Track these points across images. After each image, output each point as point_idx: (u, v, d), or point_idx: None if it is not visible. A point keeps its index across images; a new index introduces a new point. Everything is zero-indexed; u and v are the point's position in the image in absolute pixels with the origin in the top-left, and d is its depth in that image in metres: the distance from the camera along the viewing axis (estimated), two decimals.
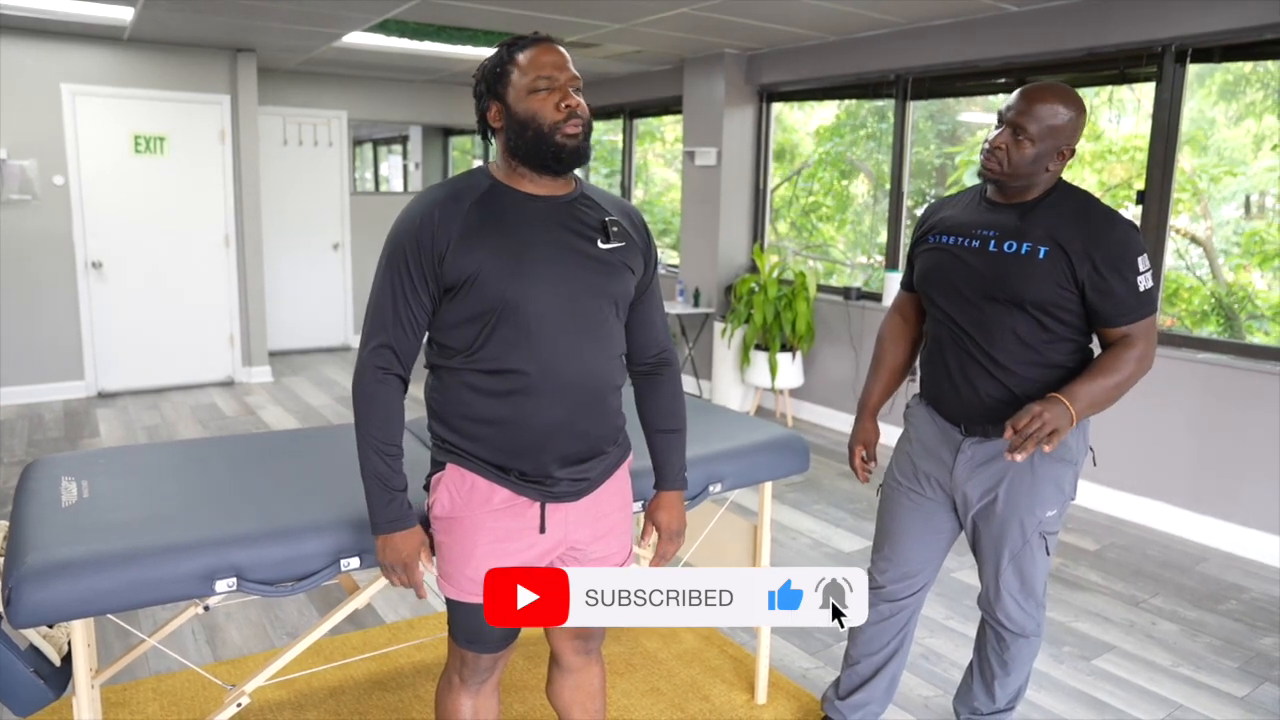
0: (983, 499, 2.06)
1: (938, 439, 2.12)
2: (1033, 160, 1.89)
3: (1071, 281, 1.88)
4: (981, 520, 2.09)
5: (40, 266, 6.01)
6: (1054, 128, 1.87)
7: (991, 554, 2.10)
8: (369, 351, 1.62)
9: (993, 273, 1.94)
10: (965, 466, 2.07)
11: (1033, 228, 1.92)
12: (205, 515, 1.80)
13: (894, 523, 2.23)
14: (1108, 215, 1.90)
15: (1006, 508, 2.03)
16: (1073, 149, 1.92)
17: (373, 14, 4.99)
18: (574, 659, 1.91)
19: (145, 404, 6.15)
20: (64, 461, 2.09)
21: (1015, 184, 1.94)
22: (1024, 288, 1.90)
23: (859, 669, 2.35)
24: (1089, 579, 3.58)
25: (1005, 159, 1.90)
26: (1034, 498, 2.02)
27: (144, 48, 6.15)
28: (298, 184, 7.82)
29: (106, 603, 1.59)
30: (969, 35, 4.82)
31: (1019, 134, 1.88)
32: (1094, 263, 1.86)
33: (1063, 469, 2.03)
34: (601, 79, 7.52)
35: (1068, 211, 1.91)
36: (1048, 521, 2.05)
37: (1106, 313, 1.90)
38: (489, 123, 1.66)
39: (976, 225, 2.01)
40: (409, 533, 1.67)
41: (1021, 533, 2.04)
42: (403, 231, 1.60)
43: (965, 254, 2.00)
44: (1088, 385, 1.86)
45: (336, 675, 2.72)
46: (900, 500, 2.22)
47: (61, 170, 5.99)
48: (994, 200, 2.01)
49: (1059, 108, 1.87)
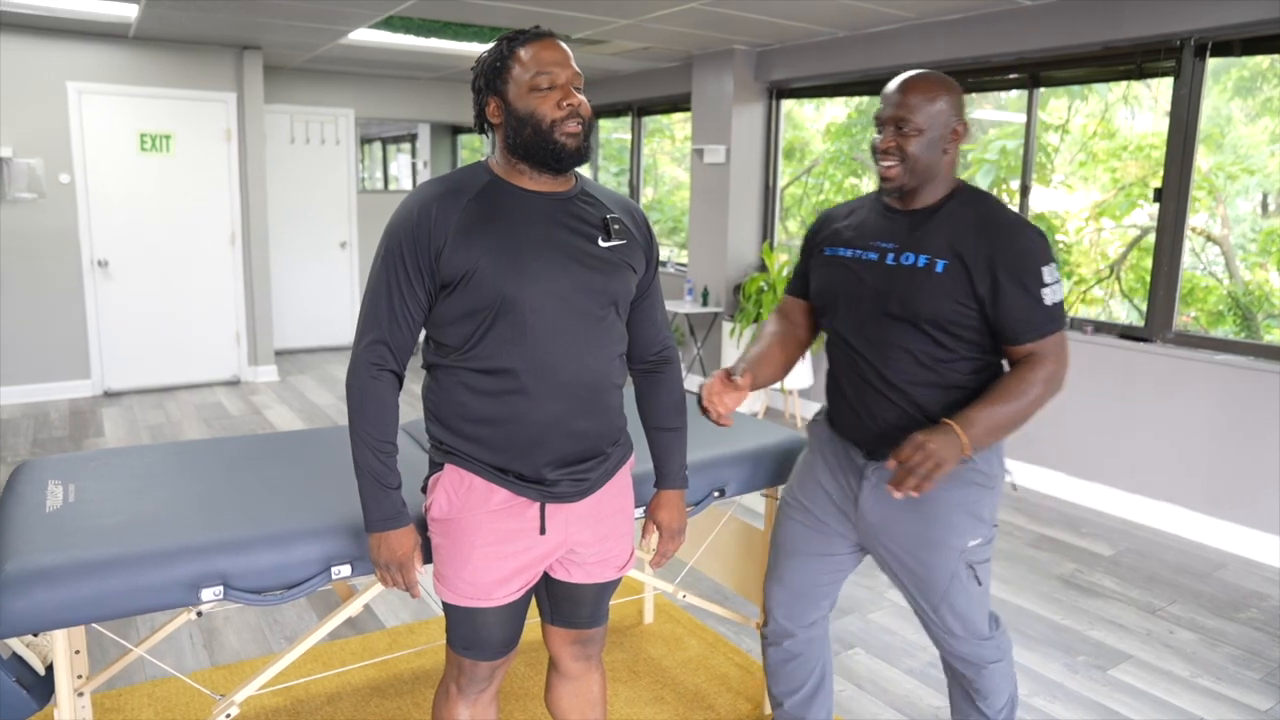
0: (892, 532, 1.87)
1: (841, 462, 1.95)
2: (927, 148, 1.75)
3: (971, 296, 1.73)
4: (895, 557, 1.89)
5: (46, 265, 5.99)
6: (934, 109, 1.74)
7: (920, 595, 1.90)
8: (363, 347, 1.59)
9: (889, 288, 1.79)
10: (870, 496, 1.88)
11: (931, 238, 1.77)
12: (192, 520, 1.75)
13: (790, 545, 2.04)
14: (1012, 223, 1.75)
15: (921, 544, 1.85)
16: (965, 125, 1.78)
17: (376, 10, 4.94)
18: (573, 665, 1.87)
19: (151, 403, 6.13)
20: (52, 464, 2.05)
21: (916, 182, 1.79)
22: (919, 303, 1.75)
23: (787, 711, 2.15)
24: (1104, 585, 3.50)
25: (900, 158, 1.76)
26: (949, 529, 1.83)
27: (150, 45, 6.13)
28: (305, 182, 7.80)
29: (88, 612, 1.54)
30: (980, 30, 4.74)
31: (903, 127, 1.75)
32: (995, 276, 1.71)
33: (977, 495, 1.84)
34: (609, 76, 7.47)
35: (969, 220, 1.76)
36: (971, 551, 1.85)
37: (1010, 329, 1.74)
38: (487, 118, 1.63)
39: (874, 236, 1.85)
40: (403, 531, 1.63)
41: (946, 569, 1.85)
42: (399, 226, 1.57)
43: (861, 268, 1.85)
44: (987, 411, 1.70)
45: (334, 681, 2.67)
46: (798, 521, 2.02)
47: (67, 168, 5.97)
48: (892, 207, 1.86)
49: (931, 89, 1.75)
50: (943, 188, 1.81)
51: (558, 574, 1.76)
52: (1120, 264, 6.42)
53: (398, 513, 1.62)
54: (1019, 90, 4.90)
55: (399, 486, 1.62)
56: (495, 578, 1.65)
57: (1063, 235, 6.77)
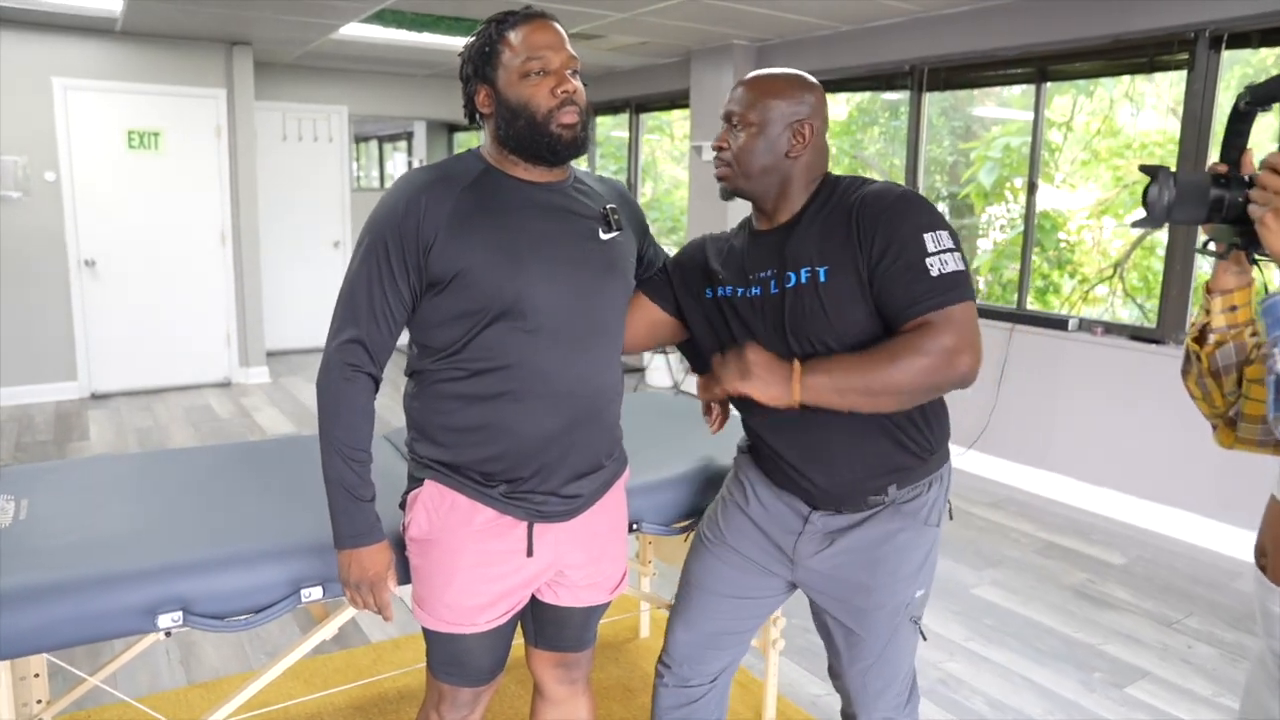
0: (830, 578, 1.61)
1: (779, 503, 1.65)
2: (763, 150, 1.51)
3: (870, 290, 1.44)
4: (835, 605, 1.64)
5: (32, 265, 5.86)
6: (771, 104, 1.51)
7: (853, 645, 1.65)
8: (337, 346, 1.47)
9: (786, 319, 1.49)
10: (812, 538, 1.61)
11: (804, 247, 1.49)
12: (150, 540, 1.63)
13: (707, 582, 1.74)
14: (877, 192, 1.46)
15: (864, 591, 1.59)
16: (812, 125, 1.53)
17: (367, 3, 4.82)
18: (557, 689, 1.76)
19: (139, 405, 6.01)
20: (5, 477, 1.92)
21: (752, 185, 1.55)
22: (822, 324, 1.45)
23: None
24: (1117, 596, 3.38)
25: (730, 156, 1.54)
26: (894, 575, 1.58)
27: (137, 40, 5.99)
28: (298, 180, 7.68)
29: (33, 641, 1.42)
30: (987, 23, 4.62)
31: (734, 122, 1.54)
32: (872, 257, 1.42)
33: (926, 535, 1.59)
34: (607, 73, 7.35)
35: (834, 210, 1.49)
36: (915, 604, 1.63)
37: (892, 309, 1.41)
38: (477, 108, 1.51)
39: (751, 268, 1.56)
40: (376, 548, 1.51)
41: (888, 624, 1.61)
42: (383, 218, 1.45)
43: (746, 307, 1.56)
44: (845, 363, 1.40)
45: (315, 702, 2.55)
46: (719, 559, 1.73)
47: (53, 166, 5.84)
48: (760, 230, 1.59)
49: (774, 84, 1.54)
50: (803, 194, 1.55)
51: (544, 596, 1.64)
52: (1124, 263, 6.31)
53: (370, 528, 1.50)
54: (1024, 86, 4.78)
55: (372, 499, 1.50)
56: (478, 603, 1.54)
57: (1065, 234, 6.67)
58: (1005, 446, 4.70)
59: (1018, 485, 4.63)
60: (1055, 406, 4.47)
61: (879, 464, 1.53)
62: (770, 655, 2.44)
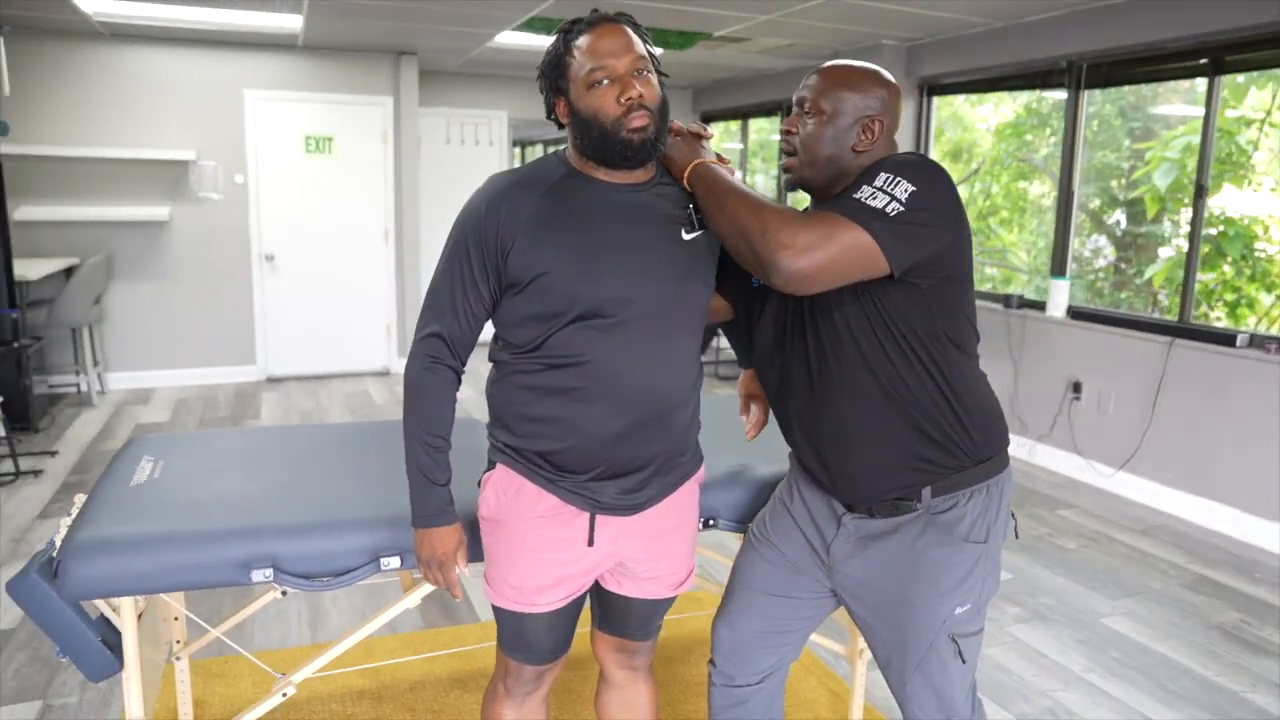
0: (866, 586, 1.61)
1: (819, 502, 1.67)
2: (829, 140, 1.51)
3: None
4: (871, 614, 1.63)
5: (220, 259, 6.52)
6: (844, 94, 1.51)
7: (892, 661, 1.63)
8: (420, 339, 1.56)
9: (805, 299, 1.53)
10: (845, 541, 1.62)
11: None
12: (253, 503, 1.80)
13: (748, 579, 1.77)
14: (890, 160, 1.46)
15: (899, 603, 1.57)
16: (882, 122, 1.52)
17: (516, 13, 5.04)
18: (617, 673, 1.80)
19: (306, 390, 6.53)
20: (153, 442, 2.17)
21: (815, 175, 1.55)
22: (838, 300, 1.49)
23: None
24: (1275, 642, 3.06)
25: (798, 141, 1.54)
26: (931, 591, 1.55)
27: (315, 53, 6.54)
28: (459, 182, 8.08)
29: (147, 583, 1.60)
30: (1154, 12, 4.28)
31: (806, 108, 1.53)
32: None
33: (967, 551, 1.54)
34: (758, 75, 7.34)
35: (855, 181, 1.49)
36: (957, 621, 1.56)
37: None
38: (558, 118, 1.55)
39: None
40: (448, 529, 1.60)
41: (924, 638, 1.56)
42: (467, 219, 1.52)
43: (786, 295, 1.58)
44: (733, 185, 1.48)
45: (420, 668, 2.71)
46: (762, 556, 1.75)
47: (242, 169, 6.46)
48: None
49: (850, 75, 1.52)
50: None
51: (608, 584, 1.69)
52: None
53: (442, 510, 1.58)
54: (1202, 79, 4.40)
55: (447, 483, 1.59)
56: (539, 584, 1.60)
57: (1264, 243, 6.06)
58: (1160, 470, 4.35)
59: (1171, 512, 4.27)
60: (1220, 429, 4.09)
61: (899, 450, 1.52)
62: (858, 665, 2.39)
